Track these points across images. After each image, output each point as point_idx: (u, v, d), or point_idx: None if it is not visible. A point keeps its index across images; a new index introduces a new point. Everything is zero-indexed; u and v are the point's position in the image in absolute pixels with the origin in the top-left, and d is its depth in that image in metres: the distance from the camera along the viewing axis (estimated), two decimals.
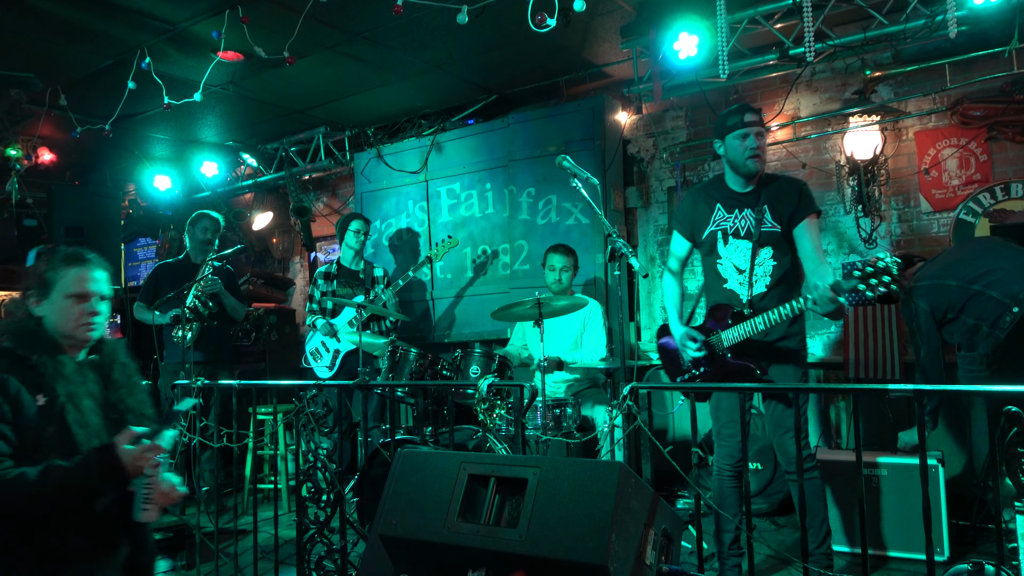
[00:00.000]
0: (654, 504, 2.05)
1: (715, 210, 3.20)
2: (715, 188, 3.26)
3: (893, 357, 4.44)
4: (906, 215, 4.68)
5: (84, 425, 2.11)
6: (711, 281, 3.28)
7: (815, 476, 3.11)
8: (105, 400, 2.23)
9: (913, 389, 2.25)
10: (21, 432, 2.02)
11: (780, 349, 3.14)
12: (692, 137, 5.43)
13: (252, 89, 5.60)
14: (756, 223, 3.11)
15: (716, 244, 3.19)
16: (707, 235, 3.21)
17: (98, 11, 4.22)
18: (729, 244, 3.17)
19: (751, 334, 3.03)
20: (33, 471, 1.97)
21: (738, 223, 3.15)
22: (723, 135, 3.13)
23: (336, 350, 5.27)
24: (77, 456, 2.03)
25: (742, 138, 3.08)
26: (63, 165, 7.14)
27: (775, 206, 3.12)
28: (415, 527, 2.15)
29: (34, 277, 2.25)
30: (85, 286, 2.22)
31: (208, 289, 4.90)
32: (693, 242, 3.31)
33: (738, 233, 3.15)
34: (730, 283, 3.18)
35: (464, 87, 5.77)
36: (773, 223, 3.11)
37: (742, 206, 3.15)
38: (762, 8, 4.30)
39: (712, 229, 3.20)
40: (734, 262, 3.17)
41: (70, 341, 2.21)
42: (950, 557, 3.52)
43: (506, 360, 4.46)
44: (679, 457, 2.65)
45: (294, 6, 4.10)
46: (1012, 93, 4.30)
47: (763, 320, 2.97)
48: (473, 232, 5.95)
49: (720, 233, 3.17)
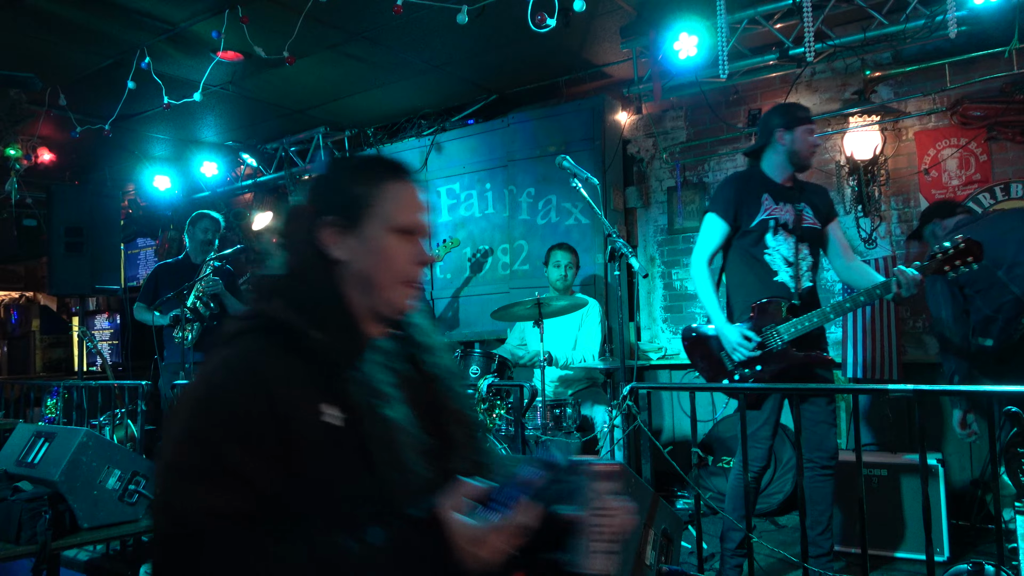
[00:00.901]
0: (654, 504, 2.05)
1: (763, 199, 3.11)
2: (757, 178, 3.18)
3: (892, 357, 4.44)
4: (906, 215, 4.68)
5: (398, 465, 1.18)
6: (756, 272, 3.12)
7: (832, 475, 3.16)
8: (425, 412, 1.29)
9: (913, 389, 2.25)
10: (294, 474, 1.13)
11: (825, 344, 3.17)
12: (692, 137, 5.43)
13: (252, 89, 5.59)
14: (797, 218, 3.10)
15: (765, 234, 3.10)
16: (757, 223, 3.10)
17: (98, 11, 4.22)
18: (778, 235, 3.10)
19: (819, 324, 2.98)
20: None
21: (785, 216, 3.11)
22: (792, 126, 3.09)
23: None
24: (376, 528, 1.11)
25: (810, 133, 3.11)
26: (63, 165, 7.14)
27: (815, 204, 3.15)
28: None
29: (331, 190, 1.30)
30: (417, 216, 1.32)
31: (209, 290, 4.90)
32: (735, 228, 3.15)
33: (786, 226, 3.10)
34: (781, 275, 3.09)
35: (464, 87, 5.76)
36: (814, 220, 3.14)
37: (785, 199, 3.13)
38: (762, 8, 4.30)
39: (764, 218, 3.10)
40: (783, 254, 3.10)
41: (386, 309, 1.29)
42: (950, 557, 3.52)
43: (505, 361, 4.46)
44: (679, 457, 2.65)
45: (294, 6, 4.09)
46: (1012, 93, 4.30)
47: (835, 309, 2.93)
48: (473, 232, 5.95)
49: (773, 223, 3.09)
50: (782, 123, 3.12)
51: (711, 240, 3.18)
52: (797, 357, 3.02)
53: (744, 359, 3.04)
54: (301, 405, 1.15)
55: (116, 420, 4.80)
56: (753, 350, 3.02)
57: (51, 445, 3.57)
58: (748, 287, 3.13)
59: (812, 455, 3.15)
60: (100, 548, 4.23)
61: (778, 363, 3.03)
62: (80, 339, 5.87)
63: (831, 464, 3.13)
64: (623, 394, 2.70)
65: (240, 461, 1.10)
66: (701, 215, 5.29)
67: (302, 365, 1.17)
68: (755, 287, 3.11)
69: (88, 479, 3.44)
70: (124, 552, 4.12)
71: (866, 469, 3.67)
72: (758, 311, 3.07)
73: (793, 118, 3.11)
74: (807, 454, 3.17)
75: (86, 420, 4.62)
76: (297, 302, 1.22)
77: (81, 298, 6.01)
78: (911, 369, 4.54)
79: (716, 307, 3.13)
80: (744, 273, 3.16)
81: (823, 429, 3.14)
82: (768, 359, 3.04)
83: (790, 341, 3.01)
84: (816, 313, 2.96)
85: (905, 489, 3.64)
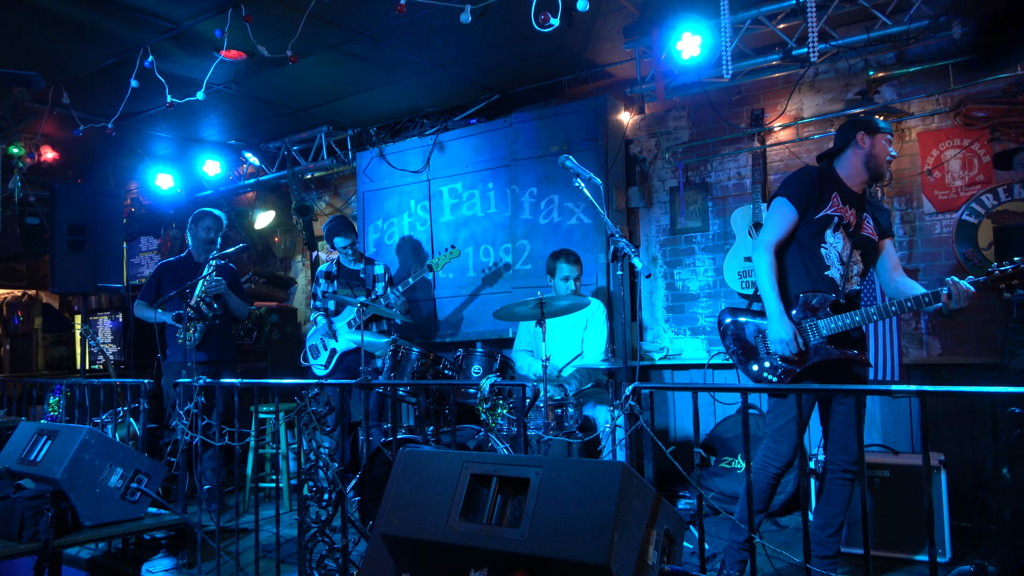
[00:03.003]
0: (656, 504, 2.05)
1: (833, 196, 3.16)
2: (831, 176, 3.22)
3: (893, 358, 4.44)
4: (909, 216, 4.68)
5: None
6: (808, 265, 3.15)
7: (853, 480, 3.18)
8: None
9: (916, 390, 2.24)
10: None
11: (865, 347, 3.20)
12: (695, 137, 5.43)
13: (254, 88, 5.60)
14: (857, 226, 3.17)
15: (827, 229, 3.13)
16: (822, 216, 3.13)
17: (101, 9, 4.22)
18: (837, 233, 3.14)
19: (859, 324, 3.00)
20: None
21: (849, 217, 3.16)
22: (875, 132, 3.16)
23: (333, 349, 5.28)
24: None
25: (889, 143, 3.18)
26: (65, 163, 7.16)
27: (876, 219, 3.23)
28: (417, 526, 2.15)
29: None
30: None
31: (212, 290, 4.90)
32: (801, 217, 3.16)
33: (847, 228, 3.15)
34: (832, 271, 3.13)
35: (467, 86, 5.77)
36: (872, 232, 3.20)
37: (852, 204, 3.18)
38: (765, 8, 4.30)
39: (829, 213, 3.13)
40: (839, 252, 3.14)
41: None
42: (952, 558, 3.52)
43: (507, 360, 4.46)
44: (681, 457, 2.64)
45: (297, 5, 4.10)
46: (1015, 94, 4.29)
47: (879, 311, 2.94)
48: (475, 232, 5.95)
49: (836, 219, 3.13)
50: (865, 128, 3.19)
51: (780, 225, 3.18)
52: (833, 353, 3.03)
53: (784, 354, 3.06)
54: None
55: (118, 418, 4.81)
56: (794, 355, 3.03)
57: (53, 443, 3.58)
58: (799, 276, 3.16)
59: (835, 458, 3.16)
60: (102, 546, 4.24)
61: (812, 356, 3.05)
62: (82, 337, 5.87)
63: (853, 469, 3.14)
64: (625, 394, 2.70)
65: None
66: (703, 215, 5.34)
67: None
68: (805, 278, 3.14)
69: (90, 477, 3.46)
70: (126, 550, 4.13)
71: (869, 470, 3.68)
72: (803, 302, 3.09)
73: (876, 126, 3.19)
74: (831, 456, 3.18)
75: (88, 418, 4.63)
76: None
77: (83, 296, 6.00)
78: (912, 370, 4.54)
79: (775, 295, 3.10)
80: (797, 263, 3.18)
81: (852, 433, 3.13)
82: (802, 351, 3.06)
83: (828, 337, 3.02)
84: (858, 312, 2.98)
85: (907, 490, 3.64)
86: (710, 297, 5.34)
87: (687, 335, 5.41)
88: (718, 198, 5.32)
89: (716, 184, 5.33)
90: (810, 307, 3.08)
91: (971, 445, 4.34)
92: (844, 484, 3.16)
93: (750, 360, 3.20)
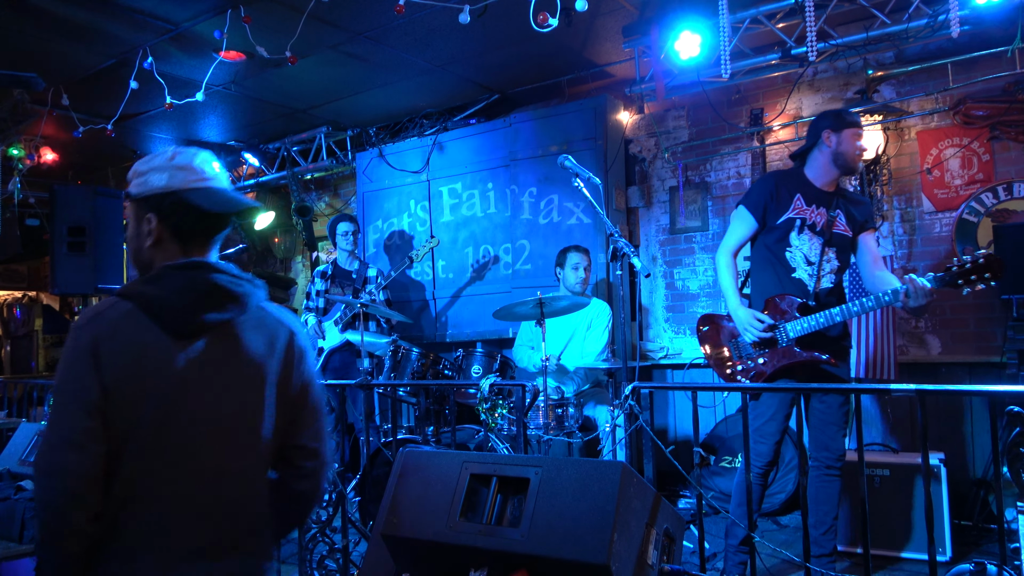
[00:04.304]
0: (656, 504, 2.05)
1: (795, 198, 3.19)
2: (795, 178, 3.26)
3: (891, 358, 4.44)
4: (908, 215, 4.68)
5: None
6: (775, 268, 3.20)
7: (839, 476, 3.19)
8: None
9: (915, 389, 2.25)
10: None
11: (841, 347, 3.19)
12: (694, 137, 5.43)
13: (254, 89, 5.60)
14: (829, 223, 3.17)
15: (790, 232, 3.17)
16: (783, 221, 3.18)
17: (100, 11, 4.22)
18: (803, 235, 3.16)
19: (825, 325, 3.00)
20: None
21: (815, 218, 3.17)
22: (840, 128, 3.15)
23: (320, 348, 5.29)
24: None
25: (858, 137, 3.17)
26: (65, 165, 7.16)
27: (851, 213, 3.22)
28: (417, 526, 2.15)
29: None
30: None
31: None
32: (762, 225, 3.23)
33: (813, 228, 3.16)
34: (799, 272, 3.15)
35: (466, 87, 5.77)
36: (846, 228, 3.20)
37: (819, 203, 3.19)
38: (764, 8, 4.30)
39: (790, 216, 3.17)
40: (805, 253, 3.16)
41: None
42: (952, 557, 3.52)
43: (507, 360, 4.47)
44: (681, 457, 2.65)
45: (296, 5, 4.10)
46: (1015, 93, 4.30)
47: (842, 312, 2.95)
48: (475, 232, 5.96)
49: (798, 222, 3.16)
50: (830, 125, 3.19)
51: (738, 232, 3.28)
52: (800, 355, 3.04)
53: (754, 340, 3.10)
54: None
55: None
56: (765, 331, 3.05)
57: None
58: (768, 281, 3.21)
59: (818, 455, 3.18)
60: None
61: (780, 359, 3.07)
62: None
63: (837, 465, 3.16)
64: (625, 393, 2.70)
65: None
66: (703, 215, 5.34)
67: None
68: (772, 282, 3.19)
69: None
70: None
71: (868, 469, 3.68)
72: (771, 306, 3.13)
73: (841, 121, 3.18)
74: (813, 453, 3.20)
75: None
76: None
77: (84, 297, 6.00)
78: (912, 369, 4.53)
79: (733, 291, 3.20)
80: (764, 268, 3.24)
81: (832, 430, 3.16)
82: (772, 354, 3.09)
83: (796, 339, 3.03)
84: (823, 314, 2.98)
85: (908, 489, 3.64)
86: (710, 296, 5.34)
87: (687, 334, 5.41)
88: (718, 197, 5.32)
89: (716, 183, 5.33)
90: (778, 310, 3.11)
91: (971, 444, 4.34)
92: (830, 481, 3.17)
93: (725, 364, 3.26)
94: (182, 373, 1.46)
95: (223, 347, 1.52)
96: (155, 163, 1.58)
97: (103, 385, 1.39)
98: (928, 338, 4.55)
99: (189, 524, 1.45)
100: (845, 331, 3.21)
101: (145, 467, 1.42)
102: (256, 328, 1.58)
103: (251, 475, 1.55)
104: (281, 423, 1.60)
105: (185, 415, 1.46)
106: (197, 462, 1.47)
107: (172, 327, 1.46)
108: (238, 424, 1.53)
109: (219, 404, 1.50)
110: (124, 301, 1.47)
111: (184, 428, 1.46)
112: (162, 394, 1.44)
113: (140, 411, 1.41)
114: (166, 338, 1.45)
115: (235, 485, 1.52)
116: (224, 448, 1.50)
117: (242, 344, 1.54)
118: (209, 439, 1.49)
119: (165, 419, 1.44)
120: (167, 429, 1.44)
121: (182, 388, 1.46)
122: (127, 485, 1.41)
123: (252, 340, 1.56)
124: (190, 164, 1.60)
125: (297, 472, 1.64)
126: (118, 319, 1.44)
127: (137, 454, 1.41)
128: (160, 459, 1.43)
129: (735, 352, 3.23)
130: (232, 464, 1.52)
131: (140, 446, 1.41)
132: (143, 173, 1.57)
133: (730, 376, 3.21)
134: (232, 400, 1.52)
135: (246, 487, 1.54)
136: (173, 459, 1.44)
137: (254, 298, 1.58)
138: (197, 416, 1.47)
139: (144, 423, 1.42)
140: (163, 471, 1.44)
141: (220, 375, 1.51)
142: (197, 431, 1.47)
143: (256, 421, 1.55)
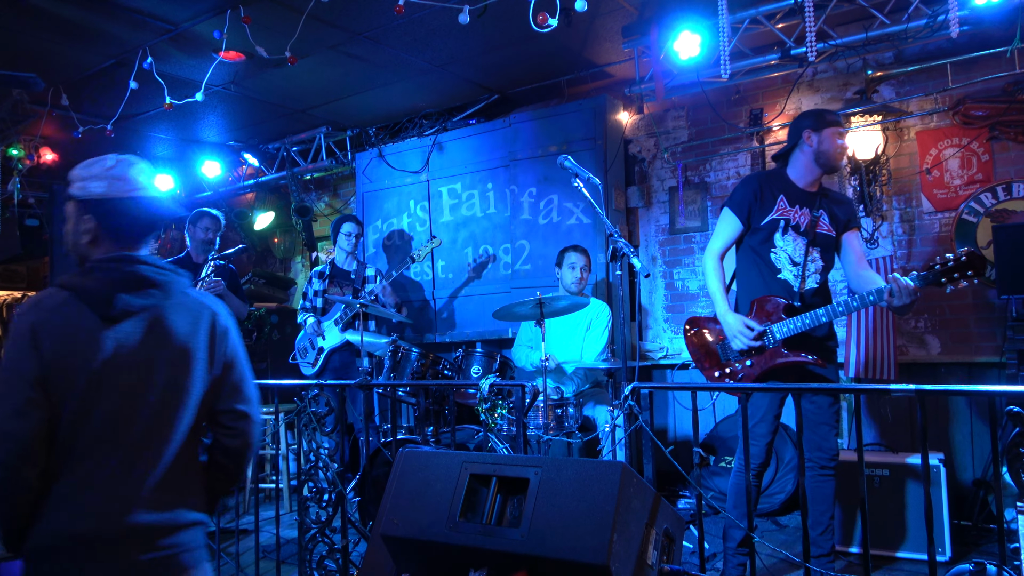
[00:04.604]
0: (656, 504, 2.05)
1: (778, 199, 3.19)
2: (778, 179, 3.26)
3: (890, 358, 4.44)
4: (908, 215, 4.68)
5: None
6: (760, 270, 3.20)
7: (833, 475, 3.19)
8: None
9: (915, 389, 2.25)
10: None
11: (827, 347, 3.19)
12: (693, 137, 5.43)
13: (254, 89, 5.60)
14: (812, 224, 3.17)
15: (774, 233, 3.17)
16: (767, 222, 3.18)
17: (100, 11, 4.22)
18: (787, 235, 3.17)
19: (811, 326, 3.00)
20: None
21: (799, 218, 3.17)
22: (820, 127, 3.14)
23: (320, 347, 5.28)
24: None
25: (840, 136, 3.16)
26: (65, 165, 7.14)
27: (834, 213, 3.21)
28: (417, 527, 2.15)
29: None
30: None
31: (211, 290, 4.90)
32: (747, 226, 3.24)
33: (797, 228, 3.17)
34: (784, 273, 3.15)
35: (466, 87, 5.77)
36: (829, 228, 3.20)
37: (802, 203, 3.19)
38: (764, 8, 4.30)
39: (774, 217, 3.17)
40: (789, 254, 3.16)
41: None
42: (952, 557, 3.52)
43: (507, 360, 4.46)
44: (681, 457, 2.65)
45: (296, 6, 4.10)
46: (1014, 93, 4.30)
47: (828, 312, 2.95)
48: (475, 232, 5.96)
49: (782, 223, 3.16)
50: (811, 125, 3.18)
51: (724, 234, 3.28)
52: (787, 357, 3.06)
53: (743, 348, 3.10)
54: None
55: None
56: (755, 339, 3.05)
57: None
58: (753, 283, 3.21)
59: (812, 455, 3.18)
60: None
61: (768, 362, 3.08)
62: None
63: (831, 465, 3.17)
64: (625, 394, 2.70)
65: None
66: (702, 215, 5.34)
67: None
68: (757, 284, 3.19)
69: None
70: None
71: (868, 469, 3.68)
72: (756, 308, 3.13)
73: (822, 120, 3.17)
74: (808, 454, 3.19)
75: None
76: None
77: None
78: (911, 369, 4.54)
79: (721, 295, 3.21)
80: (749, 270, 3.24)
81: (823, 430, 3.17)
82: (759, 357, 3.09)
83: (782, 341, 3.04)
84: (808, 315, 2.99)
85: (907, 489, 3.64)
86: (710, 297, 5.32)
87: None
88: (717, 198, 5.32)
89: (715, 184, 5.34)
90: (764, 312, 3.11)
91: (971, 444, 4.34)
92: (825, 481, 3.18)
93: (713, 367, 3.25)
94: (111, 351, 1.69)
95: (150, 328, 1.75)
96: (95, 171, 1.80)
97: (42, 362, 1.63)
98: (928, 338, 4.56)
99: (116, 478, 1.68)
100: (831, 332, 3.20)
101: (78, 431, 1.66)
102: (181, 311, 1.81)
103: (179, 438, 1.78)
104: (211, 392, 1.84)
105: (113, 387, 1.69)
106: (125, 427, 1.70)
107: (100, 311, 1.70)
108: (167, 396, 1.75)
109: (148, 377, 1.73)
110: (62, 291, 1.72)
111: (112, 398, 1.68)
112: (92, 369, 1.67)
113: (73, 383, 1.65)
114: (97, 321, 1.69)
115: (161, 446, 1.74)
116: (151, 415, 1.73)
117: (168, 325, 1.78)
118: (137, 407, 1.71)
119: (95, 390, 1.67)
120: (97, 398, 1.67)
121: (111, 364, 1.69)
122: (64, 446, 1.66)
123: (177, 321, 1.79)
124: (126, 175, 1.81)
125: (228, 432, 1.89)
126: (54, 306, 1.69)
127: (71, 420, 1.65)
128: (90, 424, 1.66)
129: (722, 355, 3.23)
130: (161, 429, 1.74)
131: (74, 413, 1.65)
132: (84, 179, 1.79)
133: (718, 379, 3.22)
134: (160, 374, 1.74)
135: (172, 448, 1.76)
136: (102, 424, 1.67)
137: (178, 285, 1.83)
138: (124, 388, 1.70)
139: (76, 394, 1.65)
140: (93, 434, 1.67)
141: (147, 352, 1.74)
142: (125, 402, 1.70)
143: (183, 392, 1.77)
